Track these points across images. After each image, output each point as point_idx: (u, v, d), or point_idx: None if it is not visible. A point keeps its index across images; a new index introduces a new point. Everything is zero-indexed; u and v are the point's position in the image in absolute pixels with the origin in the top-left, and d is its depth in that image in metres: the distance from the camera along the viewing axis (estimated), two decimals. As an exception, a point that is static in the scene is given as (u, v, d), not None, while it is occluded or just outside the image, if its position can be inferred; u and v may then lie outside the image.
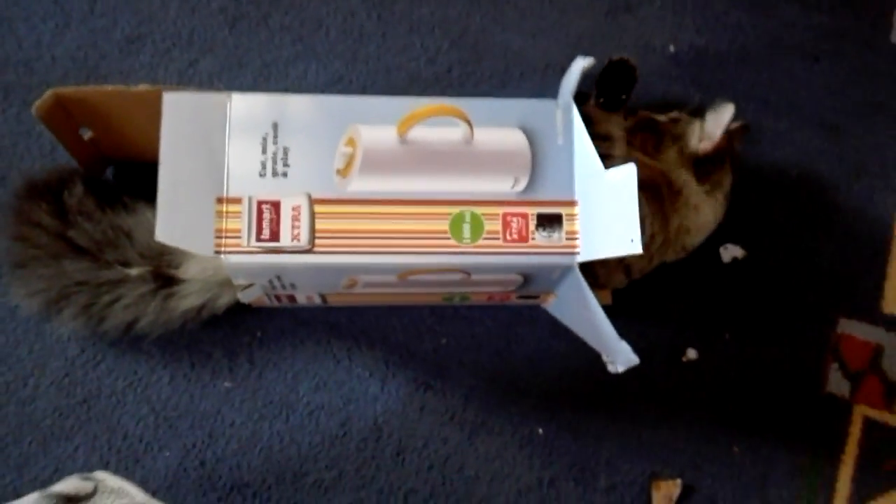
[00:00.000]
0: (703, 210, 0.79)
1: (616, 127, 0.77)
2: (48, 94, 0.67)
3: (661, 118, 0.80)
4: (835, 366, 0.85)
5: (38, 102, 0.67)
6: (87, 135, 0.75)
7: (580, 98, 0.71)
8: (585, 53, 0.73)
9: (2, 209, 0.75)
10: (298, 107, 0.68)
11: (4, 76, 0.83)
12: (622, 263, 0.76)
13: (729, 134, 0.78)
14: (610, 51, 0.78)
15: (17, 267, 0.73)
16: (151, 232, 0.62)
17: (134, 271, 0.72)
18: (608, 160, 0.73)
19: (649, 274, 0.79)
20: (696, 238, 0.80)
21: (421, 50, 0.89)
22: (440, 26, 0.89)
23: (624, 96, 0.79)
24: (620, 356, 0.68)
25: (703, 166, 0.78)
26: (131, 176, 0.81)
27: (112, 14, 0.86)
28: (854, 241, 0.88)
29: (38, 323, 0.77)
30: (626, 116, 0.80)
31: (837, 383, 0.84)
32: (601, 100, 0.79)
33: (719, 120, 0.77)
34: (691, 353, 0.83)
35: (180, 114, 0.65)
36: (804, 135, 0.90)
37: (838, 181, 0.90)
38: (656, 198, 0.75)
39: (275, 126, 0.67)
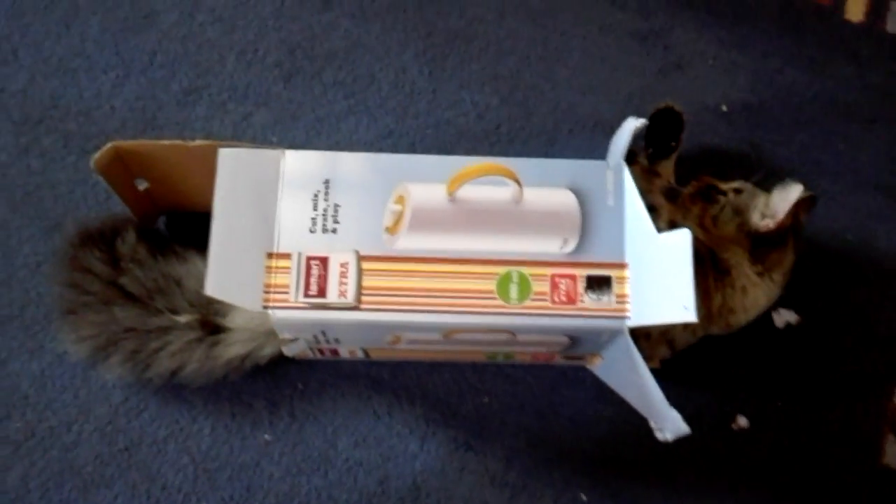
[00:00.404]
0: (752, 293, 0.74)
1: (660, 197, 0.75)
2: (108, 147, 0.69)
3: (724, 187, 0.76)
4: (892, 437, 0.81)
5: (96, 155, 0.68)
6: (142, 186, 0.76)
7: (628, 157, 0.70)
8: (636, 111, 0.72)
9: (56, 256, 0.76)
10: (350, 164, 0.68)
11: (65, 124, 0.86)
12: (665, 335, 0.74)
13: (794, 212, 0.72)
14: (661, 110, 0.78)
15: (68, 313, 0.74)
16: (201, 280, 0.62)
17: (182, 318, 0.73)
18: None
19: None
20: (741, 317, 0.75)
21: (471, 106, 0.89)
22: (490, 83, 0.90)
23: (673, 143, 0.78)
24: (670, 424, 0.66)
25: (761, 246, 0.73)
26: (183, 224, 0.82)
27: (171, 66, 0.89)
28: (914, 309, 0.85)
29: (84, 369, 0.78)
30: (677, 173, 0.79)
31: (895, 455, 0.81)
32: (650, 150, 0.78)
33: (786, 199, 0.71)
34: (742, 421, 0.81)
35: (234, 169, 0.66)
36: (860, 198, 0.88)
37: (895, 245, 0.87)
38: (698, 271, 0.72)
39: (326, 183, 0.67)
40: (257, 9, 0.91)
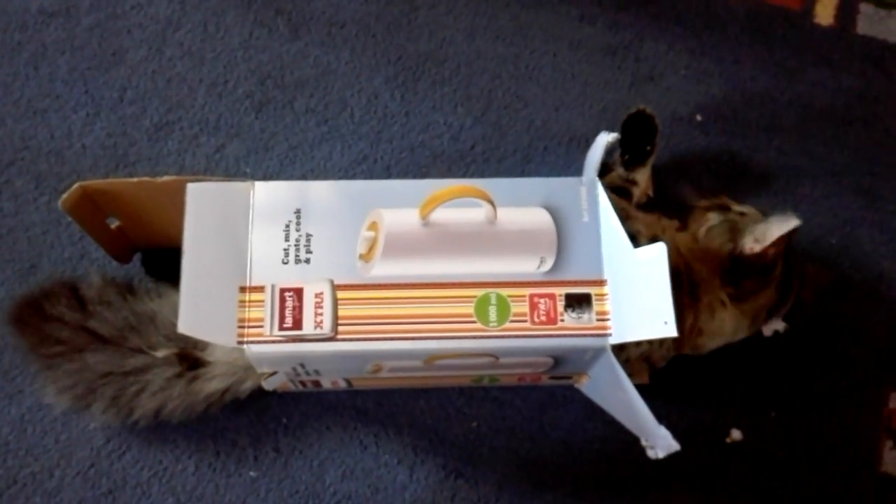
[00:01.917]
0: (719, 314, 0.71)
1: (639, 224, 0.74)
2: (74, 187, 0.68)
3: (735, 208, 0.74)
4: (889, 443, 0.80)
5: (64, 196, 0.67)
6: (114, 224, 0.76)
7: (602, 170, 0.69)
8: (610, 125, 0.72)
9: (23, 308, 0.75)
10: (321, 193, 0.67)
11: (36, 165, 0.85)
12: (643, 355, 0.72)
13: (778, 249, 0.70)
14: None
15: (45, 368, 0.73)
16: (177, 313, 0.61)
17: (160, 353, 0.71)
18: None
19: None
20: (708, 342, 0.73)
21: (445, 127, 0.89)
22: (463, 104, 0.89)
23: (649, 148, 0.77)
24: (660, 441, 0.65)
25: (738, 269, 0.70)
26: (160, 260, 0.81)
27: (141, 102, 0.88)
28: (901, 310, 0.84)
29: (64, 413, 0.77)
30: (654, 183, 0.78)
31: (893, 462, 0.80)
32: (626, 156, 0.77)
33: (780, 227, 0.68)
34: (735, 434, 0.79)
35: (203, 203, 0.65)
36: (841, 201, 0.88)
37: (879, 247, 0.86)
38: (675, 286, 0.71)
39: (297, 213, 0.67)
40: (225, 41, 0.90)
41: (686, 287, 0.70)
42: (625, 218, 0.68)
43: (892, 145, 0.90)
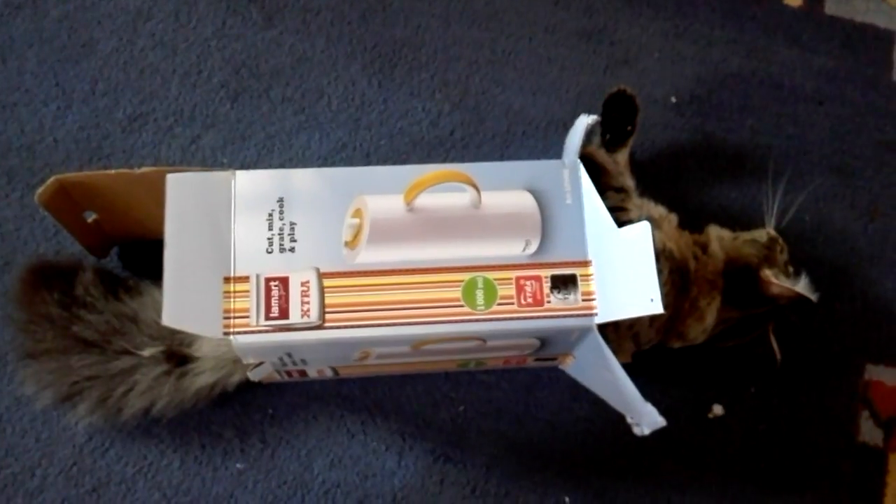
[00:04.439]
0: (704, 309, 0.74)
1: (630, 179, 0.76)
2: (50, 181, 0.67)
3: (781, 244, 0.78)
4: (865, 413, 0.82)
5: (40, 190, 0.66)
6: (90, 217, 0.74)
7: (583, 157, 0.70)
8: (587, 108, 0.72)
9: (9, 297, 0.73)
10: (303, 180, 0.67)
11: (7, 161, 0.83)
12: (631, 331, 0.74)
13: (781, 297, 0.73)
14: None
15: (26, 358, 0.71)
16: (159, 311, 0.60)
17: (146, 352, 0.70)
18: (623, 213, 0.72)
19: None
20: (691, 332, 0.75)
21: (423, 114, 0.88)
22: (441, 90, 0.89)
23: (629, 127, 0.78)
24: (646, 418, 0.66)
25: (739, 280, 0.74)
26: (138, 254, 0.80)
27: (113, 94, 0.86)
28: (874, 285, 0.86)
29: (45, 411, 0.75)
30: (631, 168, 0.79)
31: (870, 432, 0.82)
32: (607, 136, 0.78)
33: (799, 287, 0.73)
34: (717, 409, 0.81)
35: (184, 194, 0.64)
36: (814, 179, 0.89)
37: (853, 224, 0.88)
38: (681, 279, 0.72)
39: (280, 201, 0.66)
40: (198, 30, 0.89)
41: (678, 279, 0.72)
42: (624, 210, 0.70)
43: (863, 123, 0.92)
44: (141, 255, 0.79)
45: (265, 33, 0.90)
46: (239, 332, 0.63)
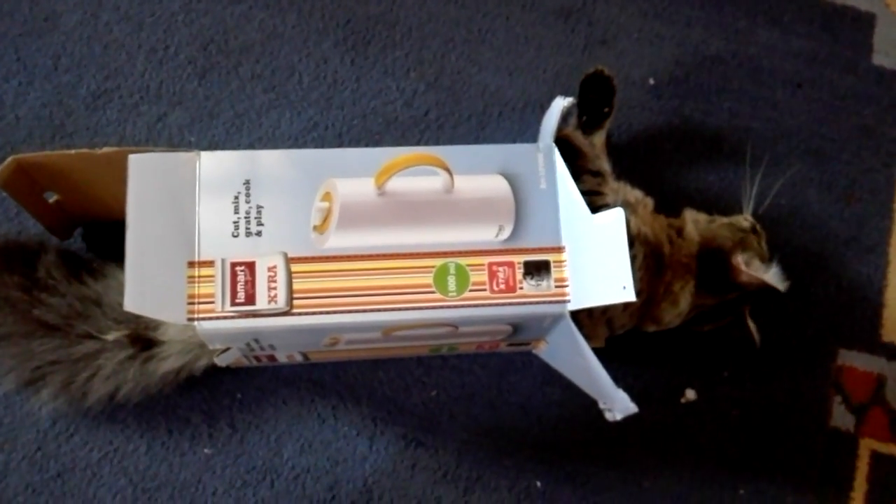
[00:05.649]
0: (679, 294, 0.73)
1: (606, 162, 0.75)
2: (8, 160, 0.64)
3: (759, 229, 0.78)
4: (838, 399, 0.82)
5: (-3, 170, 0.64)
6: (52, 198, 0.72)
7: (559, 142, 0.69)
8: (564, 89, 0.71)
9: None
10: (271, 162, 0.65)
11: (-33, 139, 0.80)
12: (605, 316, 0.73)
13: (749, 285, 0.73)
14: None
15: None
16: (122, 294, 0.59)
17: (110, 336, 0.68)
18: (599, 197, 0.71)
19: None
20: (665, 315, 0.75)
21: (397, 93, 0.87)
22: (415, 69, 0.87)
23: (606, 109, 0.77)
24: (618, 404, 0.65)
25: (711, 263, 0.73)
26: (101, 236, 0.78)
27: (77, 70, 0.84)
28: (849, 270, 0.86)
29: (6, 395, 0.74)
30: (608, 149, 0.78)
31: (842, 417, 0.82)
32: (584, 118, 0.77)
33: (768, 275, 0.72)
34: (690, 394, 0.81)
35: (147, 176, 0.62)
36: (791, 162, 0.89)
37: (829, 208, 0.88)
38: (656, 263, 0.72)
39: (247, 183, 0.64)
40: (164, 4, 0.86)
41: (653, 263, 0.71)
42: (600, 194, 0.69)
43: (842, 107, 0.92)
44: (105, 237, 0.77)
45: (234, 8, 0.87)
46: (204, 318, 0.61)
